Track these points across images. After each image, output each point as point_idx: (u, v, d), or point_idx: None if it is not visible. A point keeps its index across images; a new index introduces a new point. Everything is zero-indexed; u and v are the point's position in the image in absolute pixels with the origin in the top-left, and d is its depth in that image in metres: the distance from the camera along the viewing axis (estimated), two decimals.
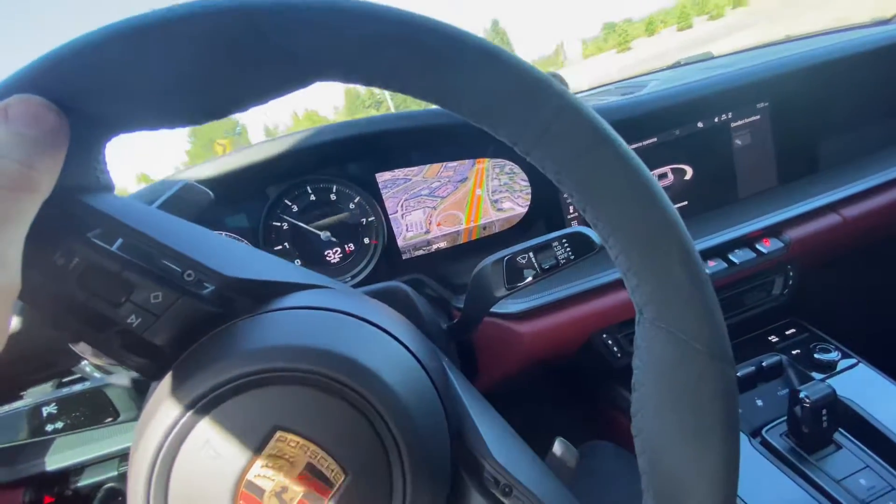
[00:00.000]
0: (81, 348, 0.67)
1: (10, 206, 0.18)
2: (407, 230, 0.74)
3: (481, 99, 0.21)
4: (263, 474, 0.23)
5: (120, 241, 0.24)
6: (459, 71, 0.20)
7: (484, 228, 0.76)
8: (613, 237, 0.23)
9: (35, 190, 0.18)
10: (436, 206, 0.74)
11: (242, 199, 0.69)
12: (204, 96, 0.20)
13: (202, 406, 0.23)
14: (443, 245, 0.75)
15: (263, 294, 0.27)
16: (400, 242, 0.74)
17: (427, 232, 0.75)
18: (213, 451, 0.23)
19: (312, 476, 0.24)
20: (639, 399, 0.24)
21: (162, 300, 0.24)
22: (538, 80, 0.21)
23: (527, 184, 0.75)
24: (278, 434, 0.23)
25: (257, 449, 0.23)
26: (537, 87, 0.21)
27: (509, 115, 0.21)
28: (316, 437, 0.24)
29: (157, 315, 0.24)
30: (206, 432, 0.23)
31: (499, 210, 0.75)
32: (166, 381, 0.25)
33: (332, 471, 0.24)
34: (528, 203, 0.76)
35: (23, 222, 0.18)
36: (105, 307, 0.24)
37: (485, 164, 0.73)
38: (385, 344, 0.27)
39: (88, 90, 0.19)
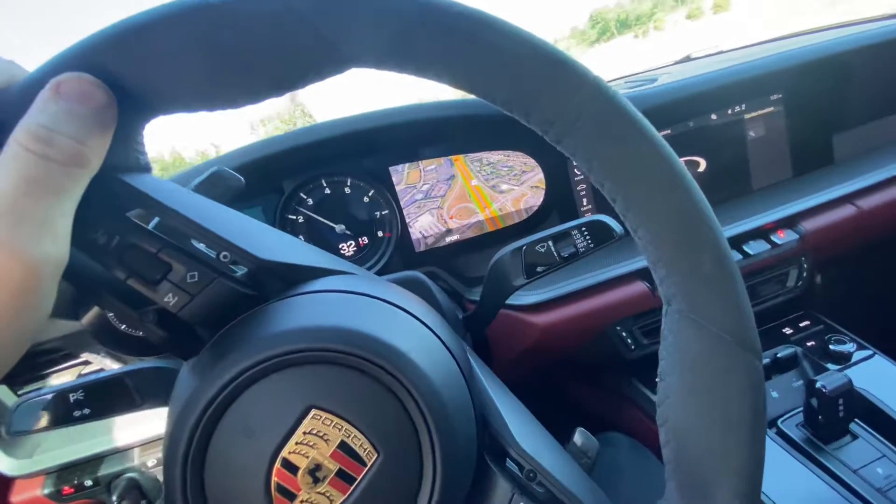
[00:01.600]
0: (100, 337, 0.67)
1: (62, 180, 0.18)
2: (423, 235, 0.75)
3: (513, 86, 0.21)
4: (298, 451, 0.24)
5: (156, 220, 0.24)
6: (491, 57, 0.20)
7: (501, 212, 0.76)
8: (644, 227, 0.23)
9: (85, 166, 0.19)
10: (439, 205, 0.74)
11: (259, 193, 0.69)
12: (243, 81, 0.20)
13: (239, 384, 0.23)
14: (459, 238, 0.76)
15: (294, 277, 0.28)
16: (413, 236, 0.75)
17: (448, 231, 0.75)
18: (249, 428, 0.24)
19: (345, 454, 0.24)
20: (665, 389, 0.24)
21: (198, 280, 0.25)
22: (572, 67, 0.21)
23: (508, 168, 0.75)
24: (313, 412, 0.24)
25: (293, 426, 0.23)
26: (571, 73, 0.21)
27: (541, 102, 0.21)
28: (350, 416, 0.24)
29: (192, 294, 0.25)
30: (243, 410, 0.24)
31: (500, 192, 0.76)
32: (201, 359, 0.25)
33: (365, 450, 0.24)
34: (522, 182, 0.76)
35: (73, 197, 0.19)
36: (143, 286, 0.24)
37: (461, 159, 0.74)
38: (415, 328, 0.28)
39: (133, 71, 0.19)
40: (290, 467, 0.24)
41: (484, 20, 0.20)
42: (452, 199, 0.75)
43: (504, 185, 0.76)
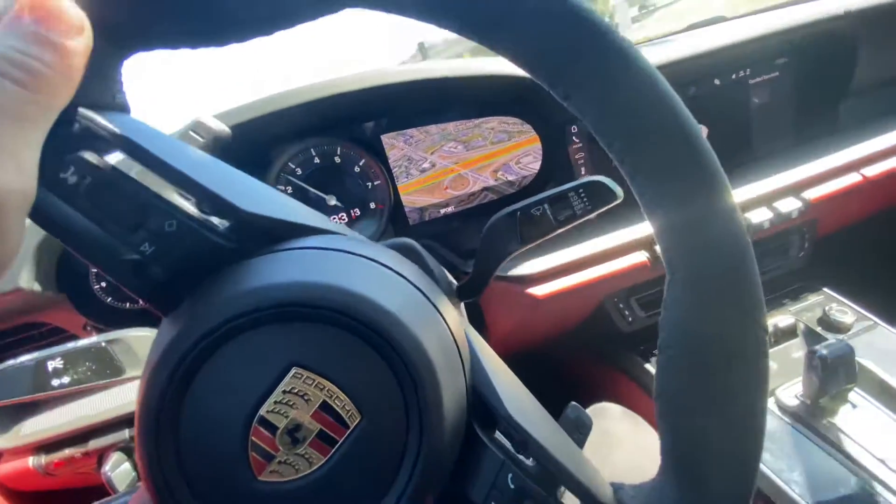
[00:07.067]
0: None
1: (28, 106, 0.16)
2: (418, 207, 0.73)
3: (521, 35, 0.20)
4: (277, 410, 0.22)
5: (137, 167, 0.23)
6: (498, 2, 0.19)
7: (502, 182, 0.74)
8: (652, 192, 0.22)
9: (54, 94, 0.17)
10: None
11: (245, 162, 0.67)
12: (230, 17, 0.19)
13: (217, 338, 0.22)
14: (454, 209, 0.74)
15: (280, 233, 0.26)
16: (407, 207, 0.73)
17: (444, 203, 0.73)
18: (226, 384, 0.22)
19: (327, 415, 0.23)
20: (665, 361, 0.24)
21: (176, 229, 0.23)
22: (585, 18, 0.19)
23: (505, 134, 0.72)
24: (294, 370, 0.22)
25: (272, 384, 0.22)
26: (585, 24, 0.19)
27: (552, 55, 0.20)
28: (333, 375, 0.23)
29: (171, 244, 0.23)
30: (220, 365, 0.22)
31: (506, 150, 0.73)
32: (180, 312, 0.24)
33: (348, 411, 0.23)
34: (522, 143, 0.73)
35: (40, 127, 0.17)
36: (117, 232, 0.22)
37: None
38: (405, 290, 0.26)
39: None
40: (269, 426, 0.22)
41: None
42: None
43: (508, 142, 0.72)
